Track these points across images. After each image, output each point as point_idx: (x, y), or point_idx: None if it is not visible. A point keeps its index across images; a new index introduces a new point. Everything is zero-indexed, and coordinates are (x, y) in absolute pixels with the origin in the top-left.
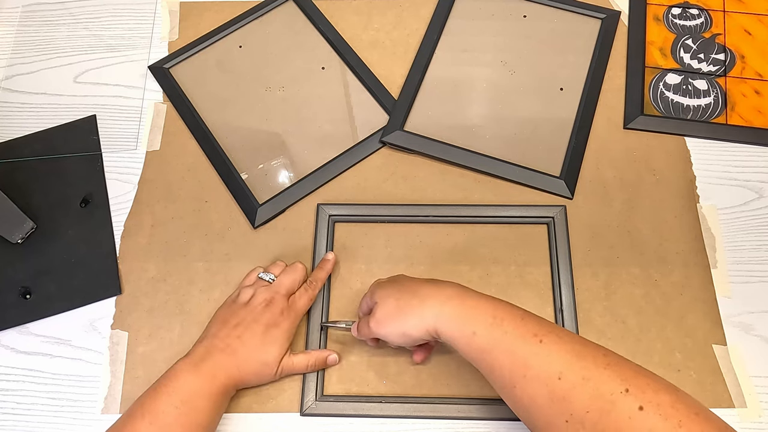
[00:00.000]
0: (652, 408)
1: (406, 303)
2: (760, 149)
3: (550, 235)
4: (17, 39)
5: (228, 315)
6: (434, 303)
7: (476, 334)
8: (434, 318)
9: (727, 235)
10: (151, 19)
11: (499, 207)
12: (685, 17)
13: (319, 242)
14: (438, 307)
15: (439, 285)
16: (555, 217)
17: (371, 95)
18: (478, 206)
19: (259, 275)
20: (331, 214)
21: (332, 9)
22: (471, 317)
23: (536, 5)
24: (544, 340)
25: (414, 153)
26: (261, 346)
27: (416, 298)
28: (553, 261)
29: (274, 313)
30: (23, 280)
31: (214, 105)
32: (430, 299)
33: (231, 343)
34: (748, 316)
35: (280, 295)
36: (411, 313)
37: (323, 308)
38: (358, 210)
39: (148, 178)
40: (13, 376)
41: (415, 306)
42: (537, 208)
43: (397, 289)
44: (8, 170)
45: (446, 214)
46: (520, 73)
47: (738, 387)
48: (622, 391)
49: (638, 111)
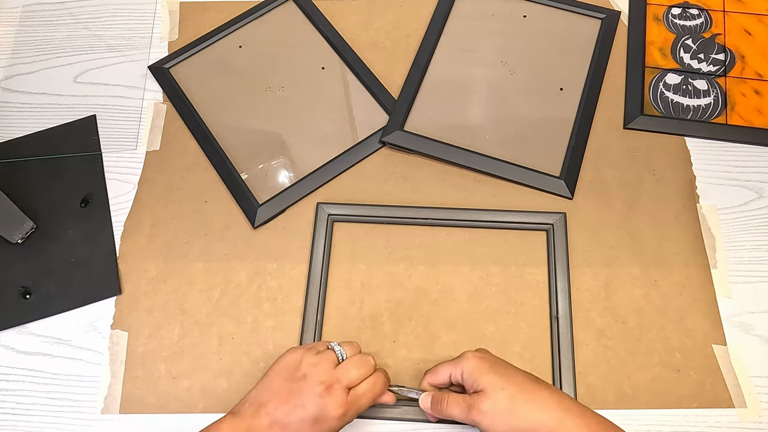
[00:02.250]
0: None
1: (522, 404)
2: (760, 149)
3: (548, 242)
4: (17, 39)
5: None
6: (555, 414)
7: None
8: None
9: (727, 235)
10: (151, 19)
11: (498, 212)
12: (685, 17)
13: (317, 242)
14: (559, 419)
15: (554, 392)
16: (554, 224)
17: (371, 95)
18: (477, 210)
19: (330, 345)
20: (331, 214)
21: (332, 9)
22: None
23: (536, 5)
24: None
25: (414, 153)
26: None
27: (535, 402)
28: (551, 268)
29: (327, 404)
30: (23, 280)
31: (214, 105)
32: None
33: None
34: (748, 316)
35: (341, 385)
36: (526, 415)
37: (318, 307)
38: (357, 210)
39: (148, 178)
40: (13, 376)
41: (533, 409)
42: (536, 214)
43: (509, 382)
44: (8, 170)
45: (445, 217)
46: (520, 73)
47: (738, 387)
48: None
49: (638, 111)
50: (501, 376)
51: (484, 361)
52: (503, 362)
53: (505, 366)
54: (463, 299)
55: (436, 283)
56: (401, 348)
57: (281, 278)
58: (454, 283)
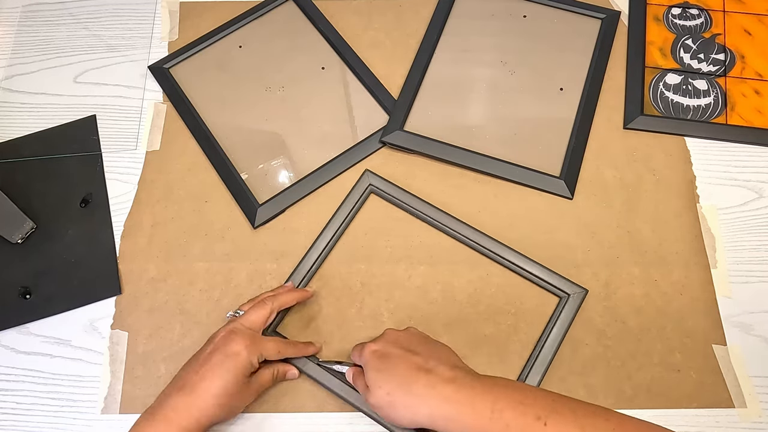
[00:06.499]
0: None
1: (398, 400)
2: (760, 149)
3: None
4: (17, 39)
5: (193, 357)
6: (427, 406)
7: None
8: (428, 418)
9: (727, 235)
10: (151, 19)
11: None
12: (685, 17)
13: (345, 206)
14: (431, 410)
15: (432, 381)
16: (571, 296)
17: (371, 95)
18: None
19: (227, 314)
20: (372, 184)
21: (332, 9)
22: (468, 416)
23: (536, 5)
24: (549, 422)
25: (414, 153)
26: (222, 374)
27: (409, 397)
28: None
29: (236, 342)
30: (23, 280)
31: (214, 105)
32: (422, 401)
33: (188, 381)
34: (748, 316)
35: (243, 326)
36: (404, 410)
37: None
38: (398, 193)
39: (148, 178)
40: (13, 376)
41: (408, 405)
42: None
43: (387, 380)
44: (8, 170)
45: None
46: (520, 73)
47: (738, 387)
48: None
49: (638, 111)
50: (383, 372)
51: (373, 357)
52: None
53: (394, 358)
54: (463, 299)
55: (436, 283)
56: None
57: (281, 278)
58: (454, 283)
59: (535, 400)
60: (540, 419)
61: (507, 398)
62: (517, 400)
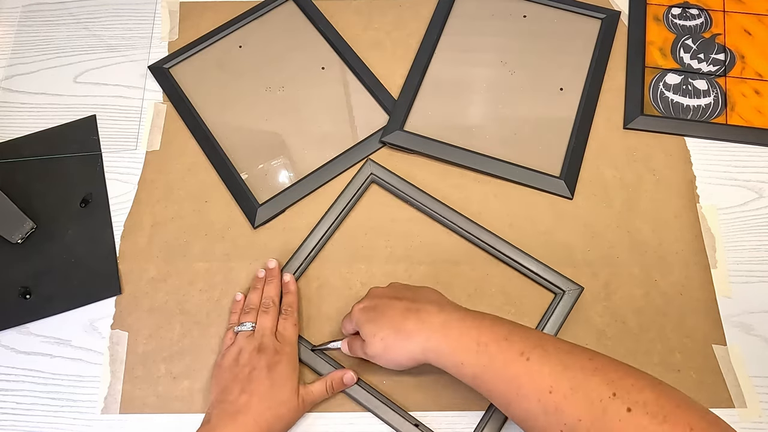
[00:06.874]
0: (639, 408)
1: (392, 342)
2: (760, 149)
3: (551, 305)
4: (17, 39)
5: (226, 380)
6: (419, 339)
7: (464, 364)
8: (422, 352)
9: (727, 235)
10: (151, 19)
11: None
12: (685, 17)
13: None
14: (423, 343)
15: (421, 317)
16: (567, 292)
17: (371, 95)
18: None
19: (236, 330)
20: (374, 173)
21: (332, 9)
22: (456, 348)
23: (536, 5)
24: (531, 357)
25: (414, 153)
26: (271, 388)
27: (401, 335)
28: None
29: (269, 354)
30: (23, 280)
31: (214, 105)
32: (414, 336)
33: (240, 402)
34: (748, 316)
35: (267, 336)
36: (399, 350)
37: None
38: (399, 183)
39: (148, 178)
40: (13, 376)
41: (402, 343)
42: (554, 274)
43: (379, 327)
44: (8, 170)
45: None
46: (520, 73)
47: (738, 387)
48: (610, 395)
49: (638, 111)
50: (374, 321)
51: (362, 311)
52: (383, 300)
53: (382, 306)
54: (463, 299)
55: (437, 283)
56: None
57: None
58: (455, 283)
59: (520, 337)
60: (523, 354)
61: (492, 333)
62: (502, 336)
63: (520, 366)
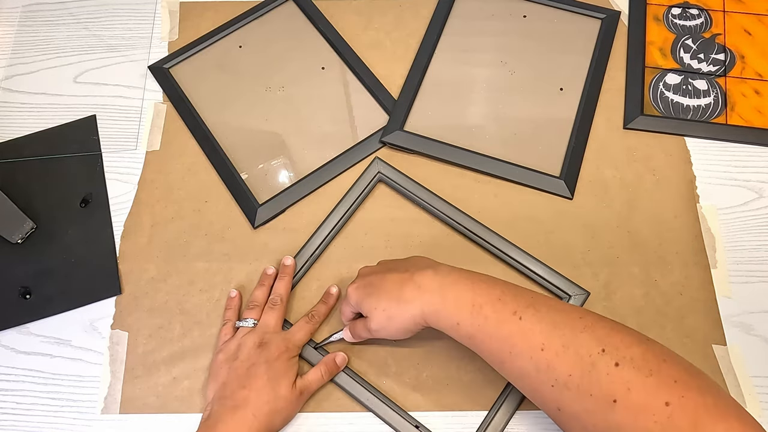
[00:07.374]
0: (626, 362)
1: (395, 311)
2: (760, 149)
3: None
4: (17, 39)
5: (225, 375)
6: (418, 303)
7: (460, 324)
8: (422, 316)
9: (727, 235)
10: (151, 19)
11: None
12: (685, 17)
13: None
14: (422, 307)
15: (417, 283)
16: (572, 297)
17: (371, 95)
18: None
19: (237, 324)
20: (381, 172)
21: (332, 9)
22: (452, 310)
23: (536, 5)
24: (524, 317)
25: (414, 153)
26: (269, 383)
27: (401, 303)
28: None
29: (270, 350)
30: (23, 280)
31: (214, 105)
32: (414, 301)
33: (238, 396)
34: (748, 316)
35: (270, 333)
36: (402, 317)
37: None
38: (407, 183)
39: (148, 178)
40: (13, 376)
41: (404, 309)
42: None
43: (379, 299)
44: (8, 170)
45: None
46: (520, 73)
47: (738, 387)
48: (599, 351)
49: (638, 111)
50: (372, 296)
51: (358, 289)
52: (376, 275)
53: (377, 281)
54: None
55: None
56: None
57: None
58: None
59: (513, 296)
60: (516, 314)
61: (487, 294)
62: (496, 296)
63: (513, 325)
